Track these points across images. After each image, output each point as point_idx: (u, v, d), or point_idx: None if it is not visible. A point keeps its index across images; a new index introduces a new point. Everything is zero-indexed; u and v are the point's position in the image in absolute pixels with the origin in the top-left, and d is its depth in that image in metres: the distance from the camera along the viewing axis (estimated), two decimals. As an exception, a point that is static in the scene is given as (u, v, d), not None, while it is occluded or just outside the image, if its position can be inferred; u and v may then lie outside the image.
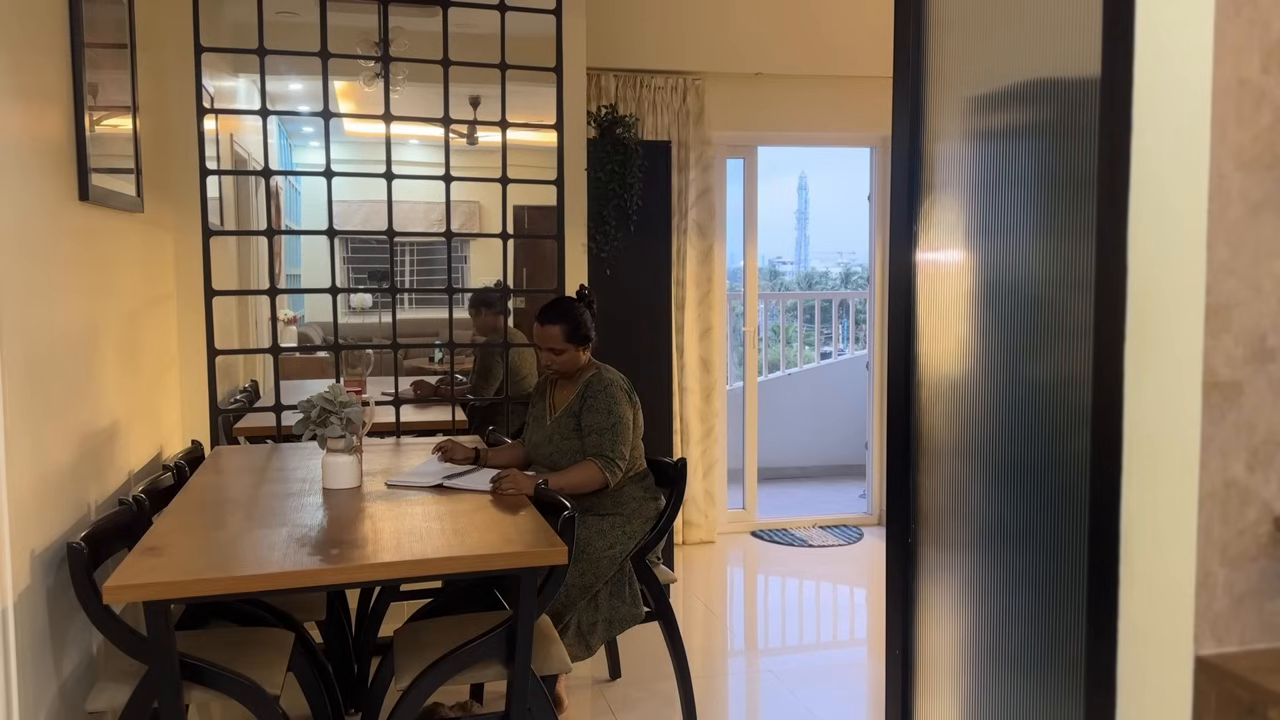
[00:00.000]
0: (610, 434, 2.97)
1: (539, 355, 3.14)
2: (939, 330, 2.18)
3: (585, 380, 3.08)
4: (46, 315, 2.21)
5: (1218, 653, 1.45)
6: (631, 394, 3.10)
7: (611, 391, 3.03)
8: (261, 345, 4.29)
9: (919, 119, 2.23)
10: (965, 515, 2.08)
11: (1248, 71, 1.41)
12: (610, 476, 2.95)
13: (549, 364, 3.11)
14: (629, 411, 3.04)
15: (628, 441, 3.01)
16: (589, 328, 3.11)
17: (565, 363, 3.09)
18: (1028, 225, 1.86)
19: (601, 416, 2.99)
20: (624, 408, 3.02)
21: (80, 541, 2.06)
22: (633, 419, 3.06)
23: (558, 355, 3.07)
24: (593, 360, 3.18)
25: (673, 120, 4.98)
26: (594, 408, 3.01)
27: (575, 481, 2.93)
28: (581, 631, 2.99)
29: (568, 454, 3.06)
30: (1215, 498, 1.45)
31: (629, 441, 3.02)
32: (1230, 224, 1.42)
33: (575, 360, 3.10)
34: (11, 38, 2.04)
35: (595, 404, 3.01)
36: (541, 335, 3.09)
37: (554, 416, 3.12)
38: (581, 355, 3.11)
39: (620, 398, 3.03)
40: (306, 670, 2.56)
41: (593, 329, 3.13)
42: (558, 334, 3.06)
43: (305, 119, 4.48)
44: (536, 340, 3.13)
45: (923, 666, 2.28)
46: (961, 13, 2.08)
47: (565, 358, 3.08)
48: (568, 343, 3.06)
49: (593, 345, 3.16)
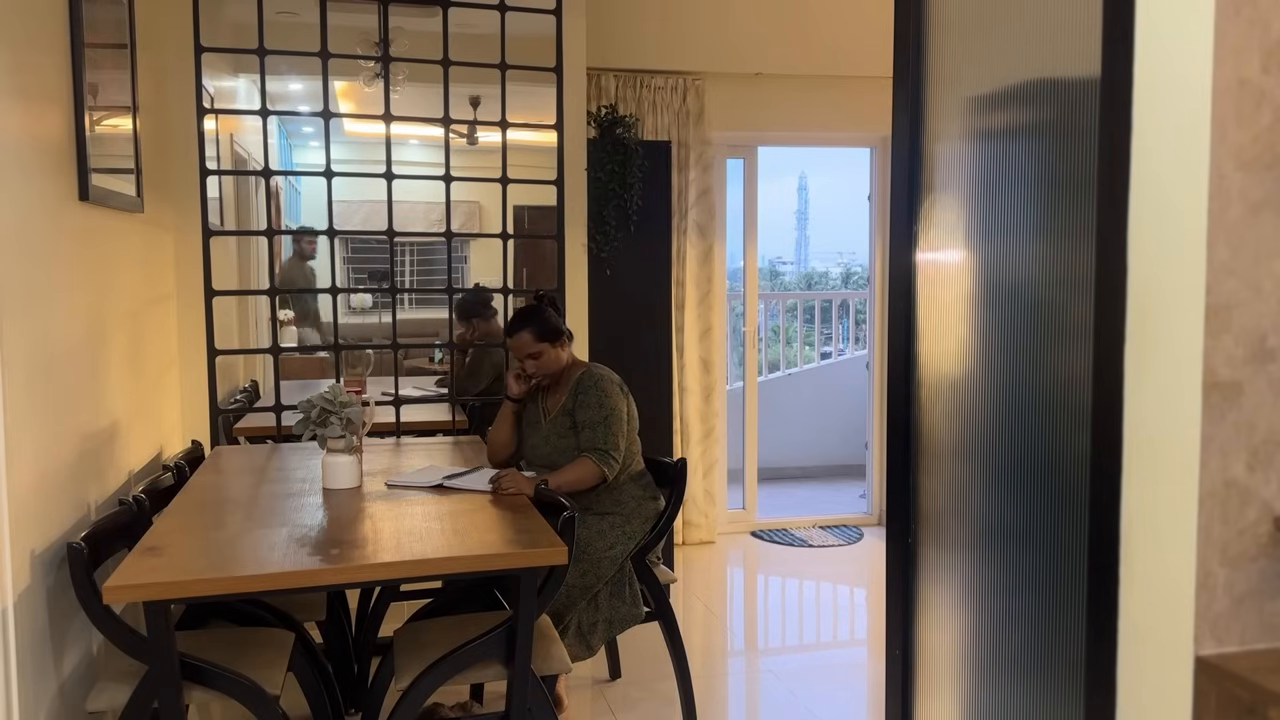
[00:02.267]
0: (603, 426, 2.98)
1: (521, 370, 3.12)
2: (939, 330, 2.18)
3: (576, 378, 3.08)
4: (46, 315, 2.21)
5: (1218, 653, 1.45)
6: (623, 388, 3.10)
7: (603, 386, 3.03)
8: (261, 345, 4.29)
9: (919, 119, 2.23)
10: (965, 515, 2.08)
11: (1248, 71, 1.41)
12: (607, 469, 2.95)
13: (533, 373, 3.10)
14: (622, 403, 3.04)
15: (622, 433, 3.01)
16: (557, 323, 3.11)
17: (546, 364, 3.09)
18: (1028, 225, 1.86)
19: (594, 410, 3.00)
20: (616, 400, 3.03)
21: (80, 541, 2.06)
22: (626, 412, 3.06)
23: (536, 359, 3.07)
24: (579, 360, 3.19)
25: (673, 120, 4.98)
26: (586, 403, 3.02)
27: (572, 479, 2.93)
28: (582, 631, 2.99)
29: (566, 453, 3.06)
30: (1215, 498, 1.45)
31: (623, 434, 3.02)
32: (1230, 224, 1.42)
33: (556, 360, 3.10)
34: (11, 37, 2.04)
35: (587, 399, 3.02)
36: (515, 347, 3.10)
37: (548, 419, 3.12)
38: (561, 354, 3.11)
39: (612, 391, 3.03)
40: (306, 670, 2.56)
41: (562, 325, 3.14)
42: (528, 338, 3.06)
43: (305, 119, 4.48)
44: (513, 355, 3.13)
45: (923, 666, 2.28)
46: (961, 13, 2.08)
47: (545, 359, 3.08)
48: (540, 342, 3.06)
49: (569, 340, 3.16)
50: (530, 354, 3.07)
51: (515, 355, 3.12)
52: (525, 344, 3.06)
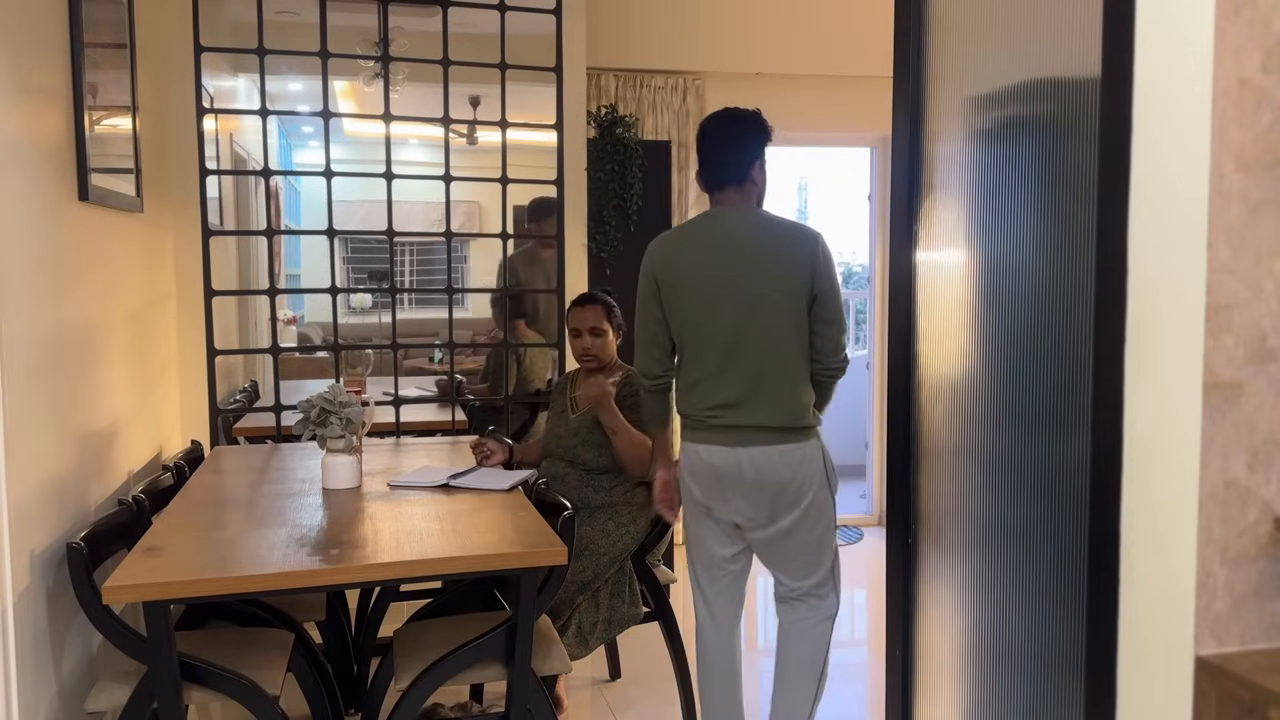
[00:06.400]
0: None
1: (574, 343, 3.19)
2: (939, 330, 2.18)
3: (624, 376, 3.14)
4: (46, 315, 2.21)
5: (1218, 653, 1.45)
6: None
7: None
8: (261, 345, 4.28)
9: (919, 119, 2.23)
10: (965, 515, 2.08)
11: (1248, 71, 1.41)
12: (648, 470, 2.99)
13: (588, 348, 3.15)
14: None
15: None
16: (620, 318, 3.21)
17: (603, 347, 3.16)
18: (1028, 225, 1.86)
19: None
20: None
21: (80, 541, 2.06)
22: None
23: (599, 336, 3.14)
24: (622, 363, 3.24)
25: (673, 120, 4.98)
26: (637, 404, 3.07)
27: (635, 440, 3.01)
28: (583, 632, 2.99)
29: (592, 446, 3.10)
30: (1215, 498, 1.44)
31: None
32: (1230, 224, 1.42)
33: (609, 348, 3.18)
34: (11, 37, 2.04)
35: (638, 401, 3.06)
36: (581, 317, 3.15)
37: (577, 410, 3.15)
38: (612, 345, 3.19)
39: None
40: (306, 670, 2.56)
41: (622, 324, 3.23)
42: (600, 313, 3.15)
43: (305, 119, 4.48)
44: (574, 325, 3.18)
45: (923, 666, 2.28)
46: (961, 13, 2.08)
47: (604, 341, 3.15)
48: (608, 322, 3.16)
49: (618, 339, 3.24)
50: (595, 328, 3.14)
51: (580, 326, 3.15)
52: (597, 316, 3.14)
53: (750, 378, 2.47)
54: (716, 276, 2.49)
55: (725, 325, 2.48)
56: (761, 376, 2.47)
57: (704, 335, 2.51)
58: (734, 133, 2.57)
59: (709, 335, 2.50)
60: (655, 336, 2.62)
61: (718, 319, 2.48)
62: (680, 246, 2.58)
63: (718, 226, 2.55)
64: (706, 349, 2.51)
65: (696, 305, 2.51)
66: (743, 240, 2.50)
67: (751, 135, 2.58)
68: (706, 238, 2.54)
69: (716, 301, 2.48)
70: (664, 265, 2.58)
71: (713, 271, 2.49)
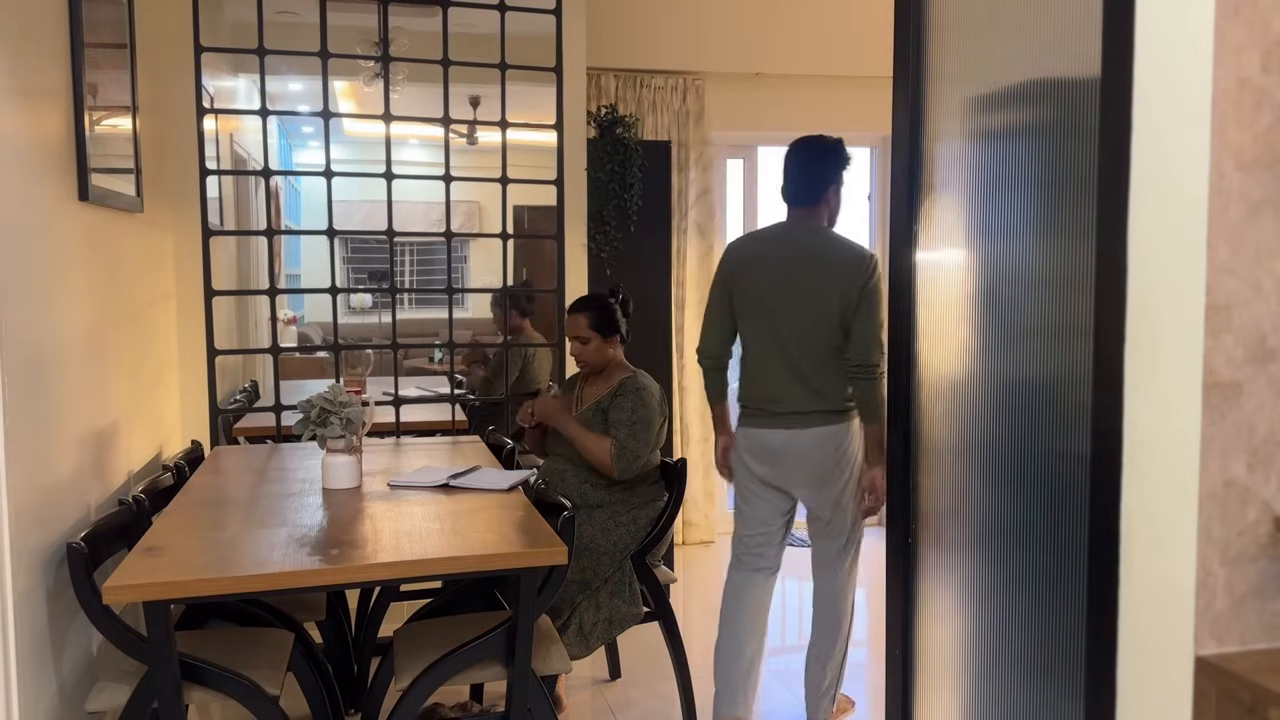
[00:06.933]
0: (629, 428, 3.02)
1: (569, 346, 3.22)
2: (939, 330, 2.18)
3: (620, 380, 3.13)
4: (46, 315, 2.21)
5: (1218, 653, 1.45)
6: (663, 405, 3.17)
7: (643, 396, 3.09)
8: (261, 345, 4.28)
9: (919, 119, 2.23)
10: (965, 515, 2.08)
11: (1248, 71, 1.41)
12: (617, 464, 3.00)
13: (577, 354, 3.18)
14: (657, 418, 3.11)
15: (647, 444, 3.05)
16: (617, 321, 3.19)
17: (592, 353, 3.15)
18: (1028, 225, 1.86)
19: (627, 413, 3.05)
20: (652, 412, 3.09)
21: (80, 541, 2.06)
22: (659, 426, 3.12)
23: (584, 344, 3.14)
24: (627, 363, 3.23)
25: (673, 120, 4.98)
26: (621, 405, 3.07)
27: (591, 444, 3.05)
28: (584, 632, 3.00)
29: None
30: (1215, 498, 1.45)
31: (648, 445, 3.06)
32: (1230, 224, 1.42)
33: (603, 353, 3.17)
34: (11, 38, 2.04)
35: (623, 402, 3.07)
36: (569, 324, 3.19)
37: (580, 408, 3.16)
38: (609, 349, 3.18)
39: (651, 403, 3.10)
40: (306, 670, 2.56)
41: (622, 324, 3.21)
42: (583, 322, 3.15)
43: (305, 119, 4.49)
44: (566, 330, 3.22)
45: (923, 666, 2.28)
46: (961, 13, 2.08)
47: (592, 347, 3.15)
48: (592, 330, 3.14)
49: (622, 341, 3.23)
50: (579, 336, 3.15)
51: (567, 331, 3.21)
52: (578, 325, 3.16)
53: (798, 375, 2.86)
54: (777, 283, 2.86)
55: (780, 327, 2.87)
56: (807, 374, 2.86)
57: (761, 335, 2.91)
58: (814, 157, 2.92)
59: (765, 336, 2.90)
60: (721, 321, 3.01)
61: (775, 322, 2.88)
62: (755, 250, 2.95)
63: (786, 239, 2.92)
64: (764, 347, 2.91)
65: (757, 307, 2.90)
66: (804, 255, 2.86)
67: (830, 161, 2.92)
68: (774, 247, 2.91)
69: (774, 305, 2.87)
70: (737, 263, 2.96)
71: (775, 279, 2.86)
